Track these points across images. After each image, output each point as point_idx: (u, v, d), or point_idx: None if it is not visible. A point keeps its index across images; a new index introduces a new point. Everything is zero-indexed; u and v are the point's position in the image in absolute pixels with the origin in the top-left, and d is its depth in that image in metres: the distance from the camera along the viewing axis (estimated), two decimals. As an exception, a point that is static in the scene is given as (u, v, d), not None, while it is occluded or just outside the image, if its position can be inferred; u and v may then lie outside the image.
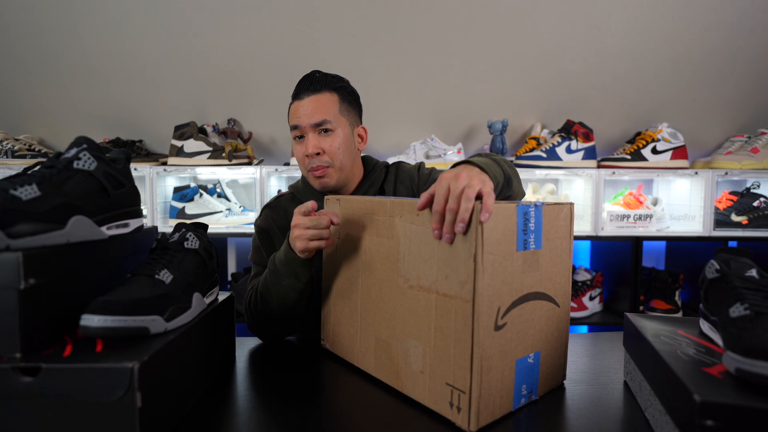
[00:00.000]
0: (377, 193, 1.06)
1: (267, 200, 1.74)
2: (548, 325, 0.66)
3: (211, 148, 1.79)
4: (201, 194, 1.84)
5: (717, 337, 0.60)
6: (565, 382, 0.73)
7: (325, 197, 0.85)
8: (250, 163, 1.84)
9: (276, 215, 1.03)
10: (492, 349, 0.58)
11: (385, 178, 1.07)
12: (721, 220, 1.79)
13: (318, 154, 0.94)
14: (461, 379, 0.58)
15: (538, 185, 1.88)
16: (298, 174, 1.83)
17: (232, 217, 1.83)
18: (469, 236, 0.56)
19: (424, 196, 0.62)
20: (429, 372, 0.62)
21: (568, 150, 1.81)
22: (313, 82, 0.95)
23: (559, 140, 1.82)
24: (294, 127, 0.95)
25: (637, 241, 1.75)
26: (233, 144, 1.82)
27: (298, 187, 1.07)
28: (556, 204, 0.66)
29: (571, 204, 0.69)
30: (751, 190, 1.87)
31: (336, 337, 0.83)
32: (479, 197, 0.58)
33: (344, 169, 0.98)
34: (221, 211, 1.83)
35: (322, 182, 0.96)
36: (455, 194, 0.58)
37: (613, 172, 1.79)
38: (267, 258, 0.98)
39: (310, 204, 0.80)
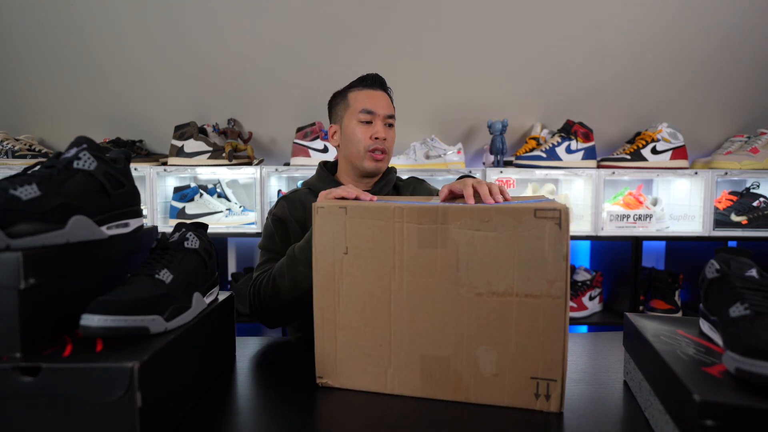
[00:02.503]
0: (392, 193, 1.17)
1: (267, 200, 1.76)
2: None
3: (211, 148, 1.79)
4: (201, 194, 1.84)
5: (717, 337, 0.60)
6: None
7: (317, 205, 0.71)
8: (250, 163, 1.84)
9: (292, 206, 1.09)
10: (567, 335, 0.64)
11: (401, 183, 1.20)
12: (721, 220, 1.79)
13: (384, 139, 1.09)
14: (552, 369, 0.63)
15: (538, 185, 1.88)
16: (298, 174, 1.83)
17: (232, 217, 1.83)
18: (558, 238, 0.61)
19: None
20: (506, 373, 0.65)
21: (568, 150, 1.81)
22: (383, 83, 1.13)
23: (559, 140, 1.82)
24: (368, 112, 1.08)
25: (636, 241, 1.75)
26: (233, 144, 1.82)
27: (313, 182, 1.15)
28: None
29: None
30: (751, 190, 1.87)
31: (346, 370, 0.71)
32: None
33: (387, 156, 1.12)
34: (221, 211, 1.83)
35: (377, 165, 1.10)
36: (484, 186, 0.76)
37: (613, 172, 1.79)
38: (279, 246, 1.05)
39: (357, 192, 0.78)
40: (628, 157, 1.81)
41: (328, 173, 1.16)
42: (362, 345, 0.70)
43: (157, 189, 1.78)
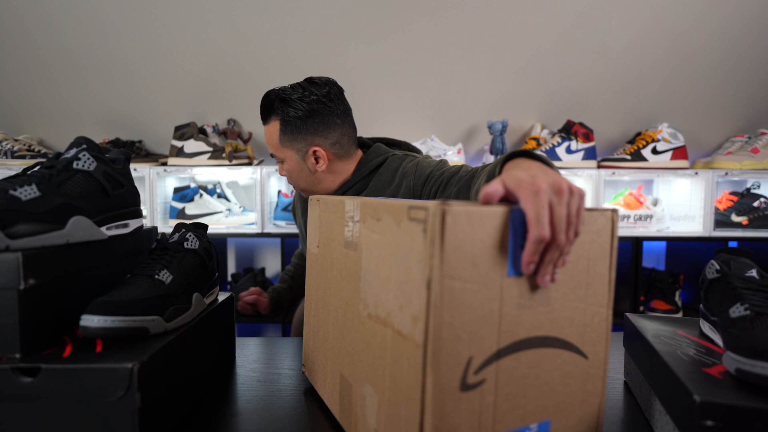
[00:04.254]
0: (364, 184, 1.00)
1: (267, 201, 1.76)
2: (566, 385, 0.48)
3: (211, 149, 1.79)
4: (201, 195, 1.84)
5: (717, 338, 0.60)
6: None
7: (313, 197, 0.71)
8: (250, 164, 1.84)
9: (299, 199, 1.17)
10: (457, 417, 0.41)
11: (375, 172, 1.00)
12: (722, 220, 1.79)
13: (283, 176, 1.05)
14: None
15: (538, 185, 1.88)
16: (298, 174, 1.83)
17: (232, 217, 1.83)
18: (422, 252, 0.40)
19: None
20: (383, 430, 0.47)
21: (568, 150, 1.81)
22: (263, 112, 0.97)
23: (559, 140, 1.82)
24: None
25: (637, 242, 1.75)
26: (233, 144, 1.82)
27: None
28: (587, 210, 0.46)
29: (614, 211, 0.48)
30: (752, 191, 1.87)
31: (312, 365, 0.69)
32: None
33: (307, 190, 1.03)
34: (221, 212, 1.83)
35: (303, 194, 1.06)
36: (563, 216, 0.42)
37: (613, 173, 1.79)
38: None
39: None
40: (629, 157, 1.81)
41: None
42: (319, 346, 0.66)
43: (156, 189, 1.78)
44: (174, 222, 1.81)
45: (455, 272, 0.40)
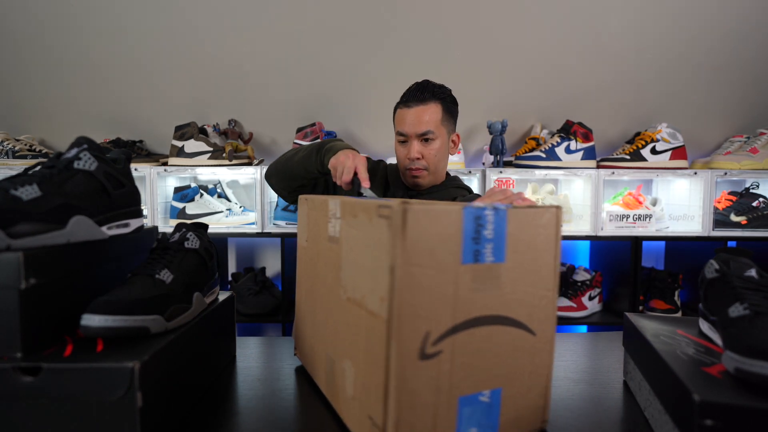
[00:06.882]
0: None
1: (267, 200, 1.77)
2: (516, 357, 0.55)
3: (211, 149, 1.79)
4: (201, 194, 1.84)
5: (716, 337, 0.60)
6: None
7: (302, 196, 0.79)
8: (250, 164, 1.84)
9: (372, 166, 1.21)
10: (417, 382, 0.48)
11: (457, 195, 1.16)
12: (720, 220, 1.79)
13: (418, 158, 1.08)
14: (378, 413, 0.49)
15: (537, 185, 1.89)
16: (298, 174, 1.83)
17: (232, 217, 1.83)
18: (387, 243, 0.47)
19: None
20: (358, 400, 0.54)
21: (568, 150, 1.81)
22: (421, 92, 1.08)
23: (559, 140, 1.82)
24: (400, 133, 1.10)
25: (636, 241, 1.75)
26: (234, 144, 1.82)
27: (393, 170, 1.22)
28: (531, 207, 0.55)
29: (557, 208, 0.55)
30: (750, 190, 1.87)
31: (303, 348, 0.78)
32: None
33: (437, 173, 1.12)
34: (222, 212, 1.83)
35: (415, 181, 1.11)
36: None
37: (613, 173, 1.79)
38: None
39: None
40: (628, 157, 1.81)
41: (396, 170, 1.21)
42: (308, 329, 0.75)
43: (157, 189, 1.78)
44: (174, 222, 1.81)
45: (415, 260, 0.47)
